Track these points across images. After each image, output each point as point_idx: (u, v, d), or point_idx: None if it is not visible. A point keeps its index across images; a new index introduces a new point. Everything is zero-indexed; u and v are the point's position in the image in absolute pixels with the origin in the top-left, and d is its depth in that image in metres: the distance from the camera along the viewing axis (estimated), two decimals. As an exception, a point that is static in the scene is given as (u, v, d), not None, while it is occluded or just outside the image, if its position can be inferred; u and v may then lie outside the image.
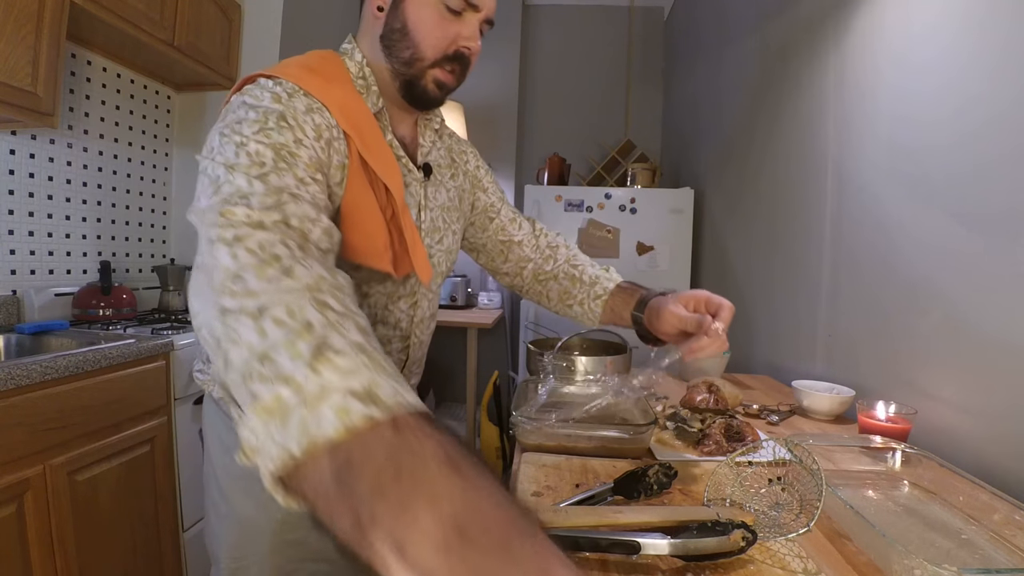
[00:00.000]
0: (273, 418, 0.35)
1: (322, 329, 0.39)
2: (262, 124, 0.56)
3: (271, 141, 0.55)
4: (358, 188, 0.66)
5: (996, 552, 0.58)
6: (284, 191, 0.51)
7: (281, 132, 0.56)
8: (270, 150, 0.54)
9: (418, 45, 0.68)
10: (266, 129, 0.56)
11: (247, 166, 0.52)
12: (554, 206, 2.57)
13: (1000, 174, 0.86)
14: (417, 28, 0.68)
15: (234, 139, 0.54)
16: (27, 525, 1.13)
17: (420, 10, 0.67)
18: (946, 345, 0.97)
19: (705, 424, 0.91)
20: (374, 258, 0.67)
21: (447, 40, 0.68)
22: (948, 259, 0.97)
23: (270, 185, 0.51)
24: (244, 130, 0.55)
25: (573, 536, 0.52)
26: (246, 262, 0.43)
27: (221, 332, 0.40)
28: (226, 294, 0.41)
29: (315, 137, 0.60)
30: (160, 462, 1.49)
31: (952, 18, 0.98)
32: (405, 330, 0.81)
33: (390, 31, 0.69)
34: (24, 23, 1.35)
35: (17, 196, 1.65)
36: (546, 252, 0.98)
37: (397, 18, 0.68)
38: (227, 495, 0.78)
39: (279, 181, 0.52)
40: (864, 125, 1.26)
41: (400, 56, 0.69)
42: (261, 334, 0.38)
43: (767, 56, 1.86)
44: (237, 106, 0.60)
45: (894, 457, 0.79)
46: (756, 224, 1.95)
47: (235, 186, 0.50)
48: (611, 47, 3.44)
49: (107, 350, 1.32)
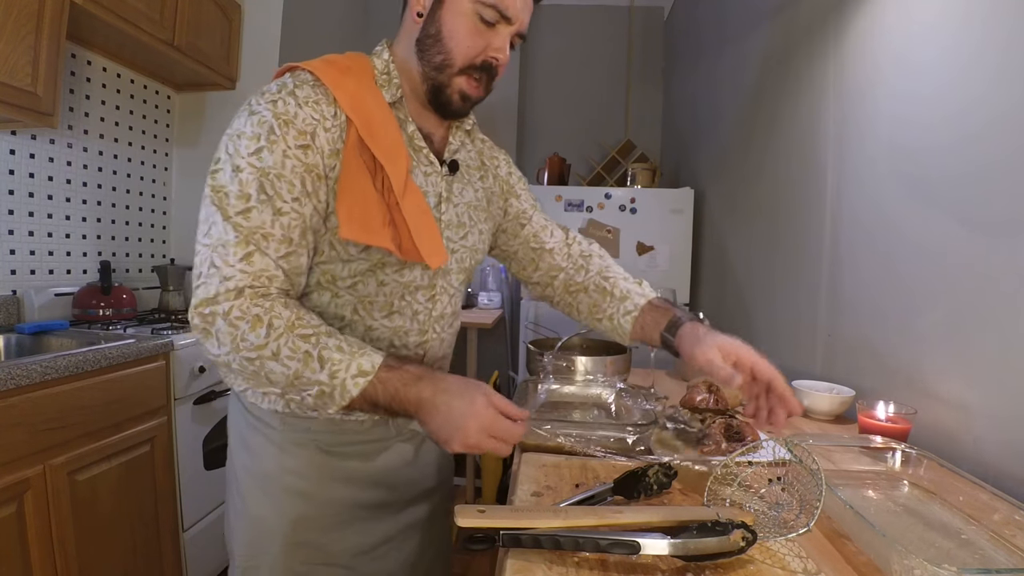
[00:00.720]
0: (322, 399, 0.65)
1: (315, 350, 0.64)
2: (256, 141, 0.65)
3: (261, 165, 0.65)
4: (354, 168, 0.69)
5: (996, 552, 0.58)
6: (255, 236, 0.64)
7: (272, 148, 0.65)
8: (256, 179, 0.65)
9: (450, 52, 0.72)
10: (258, 149, 0.65)
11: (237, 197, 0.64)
12: (554, 206, 2.56)
13: (1001, 175, 0.86)
14: (451, 35, 0.71)
15: (234, 161, 0.65)
16: (27, 525, 1.13)
17: (456, 18, 0.71)
18: (946, 345, 0.97)
19: (705, 424, 0.91)
20: (374, 235, 0.69)
21: (477, 49, 0.72)
22: (948, 259, 0.97)
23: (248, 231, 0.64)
24: (242, 148, 0.65)
25: (573, 536, 0.52)
26: (242, 328, 0.63)
27: (255, 368, 0.64)
28: (243, 351, 0.63)
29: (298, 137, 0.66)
30: (160, 462, 1.49)
31: (952, 18, 0.98)
32: (423, 323, 0.80)
33: (425, 36, 0.73)
34: (24, 23, 1.35)
35: (17, 196, 1.65)
36: (579, 262, 0.97)
37: (433, 24, 0.72)
38: (244, 493, 0.79)
39: (256, 220, 0.64)
40: (864, 125, 1.26)
41: (432, 61, 0.73)
42: (285, 367, 0.63)
43: (767, 56, 1.86)
44: (243, 108, 0.68)
45: (894, 457, 0.79)
46: (756, 224, 1.95)
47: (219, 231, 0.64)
48: (611, 47, 3.44)
49: (107, 350, 1.32)
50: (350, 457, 0.79)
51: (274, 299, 0.65)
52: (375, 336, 0.77)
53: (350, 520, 0.79)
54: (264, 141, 0.65)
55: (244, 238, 0.64)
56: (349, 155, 0.69)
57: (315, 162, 0.67)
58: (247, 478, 0.79)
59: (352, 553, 0.79)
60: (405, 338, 0.79)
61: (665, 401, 1.16)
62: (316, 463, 0.77)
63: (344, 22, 2.86)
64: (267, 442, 0.77)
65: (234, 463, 0.81)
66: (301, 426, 0.76)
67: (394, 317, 0.77)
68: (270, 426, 0.77)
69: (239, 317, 0.62)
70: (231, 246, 0.63)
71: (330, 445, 0.77)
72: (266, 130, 0.65)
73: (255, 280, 0.64)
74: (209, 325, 0.63)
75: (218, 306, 0.63)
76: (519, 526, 0.54)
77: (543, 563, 0.52)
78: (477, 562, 2.03)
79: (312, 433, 0.77)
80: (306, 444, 0.77)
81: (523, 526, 0.54)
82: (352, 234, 0.68)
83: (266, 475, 0.77)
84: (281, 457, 0.77)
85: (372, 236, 0.69)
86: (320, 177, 0.68)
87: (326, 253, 0.71)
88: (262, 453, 0.77)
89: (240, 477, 0.79)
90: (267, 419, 0.77)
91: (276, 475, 0.77)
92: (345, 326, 0.75)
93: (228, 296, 0.63)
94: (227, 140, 0.66)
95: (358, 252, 0.72)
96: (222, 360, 0.65)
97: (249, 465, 0.79)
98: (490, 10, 0.70)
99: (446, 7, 0.71)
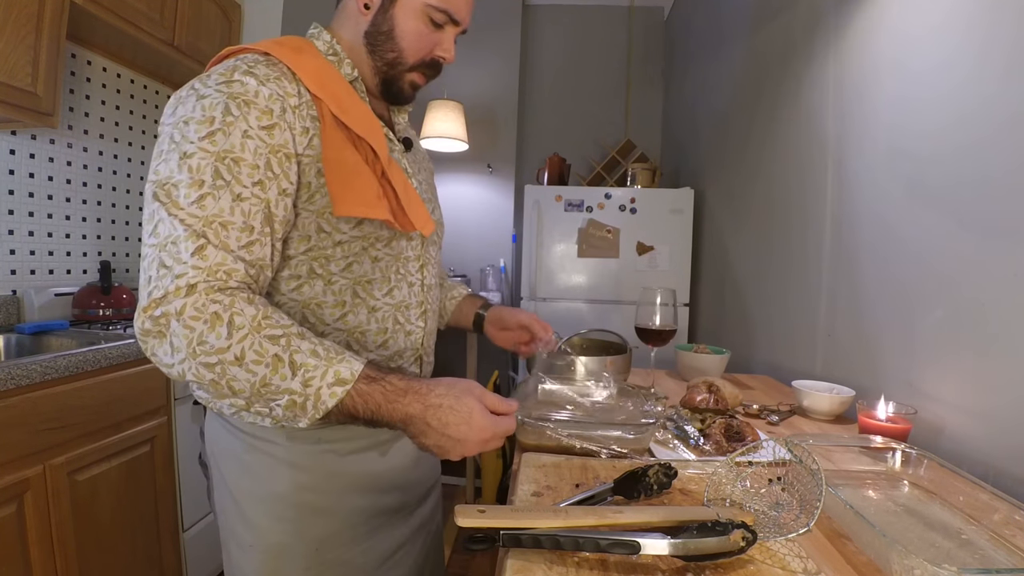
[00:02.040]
0: (292, 410, 0.58)
1: (285, 353, 0.58)
2: (210, 123, 0.60)
3: (215, 149, 0.59)
4: (338, 145, 0.67)
5: (996, 552, 0.58)
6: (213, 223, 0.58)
7: (229, 130, 0.60)
8: (211, 163, 0.59)
9: (403, 51, 0.75)
10: (211, 133, 0.60)
11: (188, 185, 0.58)
12: (554, 206, 2.57)
13: (1000, 177, 0.86)
14: (403, 35, 0.74)
15: (181, 148, 0.59)
16: (27, 525, 1.13)
17: (407, 20, 0.74)
18: (946, 345, 0.97)
19: (705, 424, 0.91)
20: (370, 207, 0.68)
21: (427, 49, 0.76)
22: (948, 259, 0.97)
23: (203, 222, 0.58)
24: (191, 133, 0.59)
25: (573, 536, 0.52)
26: (199, 329, 0.56)
27: (214, 376, 0.57)
28: (200, 356, 0.56)
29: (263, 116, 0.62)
30: (160, 462, 1.49)
31: (958, 19, 0.98)
32: (419, 295, 0.81)
33: (376, 32, 0.75)
34: (24, 23, 1.35)
35: (17, 196, 1.65)
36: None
37: (385, 22, 0.74)
38: (253, 523, 0.72)
39: (212, 208, 0.58)
40: (864, 125, 1.26)
41: (384, 56, 0.76)
42: (250, 372, 0.57)
43: (767, 56, 1.86)
44: (185, 92, 0.63)
45: (894, 457, 0.79)
46: (756, 224, 1.95)
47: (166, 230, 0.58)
48: (611, 47, 3.44)
49: (107, 350, 1.32)
50: (366, 459, 0.76)
51: (234, 293, 0.59)
52: (379, 316, 0.75)
53: (371, 530, 0.76)
54: (219, 124, 0.60)
55: (195, 231, 0.58)
56: (328, 131, 0.67)
57: (284, 140, 0.64)
58: (253, 505, 0.72)
59: (376, 564, 0.77)
60: (407, 312, 0.79)
61: (665, 401, 1.16)
62: (333, 474, 0.73)
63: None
64: (274, 461, 0.71)
65: (232, 493, 0.73)
66: (311, 437, 0.71)
67: (394, 292, 0.77)
68: (274, 443, 0.71)
69: (194, 316, 0.56)
70: (181, 241, 0.57)
71: (346, 451, 0.74)
72: (220, 112, 0.60)
73: (210, 275, 0.58)
74: (163, 328, 0.56)
75: (169, 306, 0.56)
76: (519, 526, 0.54)
77: (543, 563, 0.52)
78: (477, 562, 2.02)
79: (323, 443, 0.72)
80: (319, 456, 0.72)
81: (523, 526, 0.54)
82: (349, 210, 0.66)
83: (278, 497, 0.71)
84: (293, 474, 0.71)
85: (370, 209, 0.68)
86: (290, 156, 0.64)
87: (314, 238, 0.68)
88: (269, 474, 0.71)
89: (244, 506, 0.72)
90: (270, 436, 0.71)
91: (290, 495, 0.71)
92: (348, 312, 0.72)
93: (179, 294, 0.56)
94: (171, 129, 0.61)
95: (351, 229, 0.69)
96: (176, 371, 0.57)
97: (254, 490, 0.72)
98: (441, 14, 0.74)
99: (399, 6, 0.73)
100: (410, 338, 0.80)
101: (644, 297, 1.15)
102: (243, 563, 0.73)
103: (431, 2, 0.73)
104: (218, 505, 0.77)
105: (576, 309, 2.58)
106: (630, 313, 1.02)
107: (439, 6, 0.73)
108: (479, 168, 3.17)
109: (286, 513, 0.71)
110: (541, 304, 2.58)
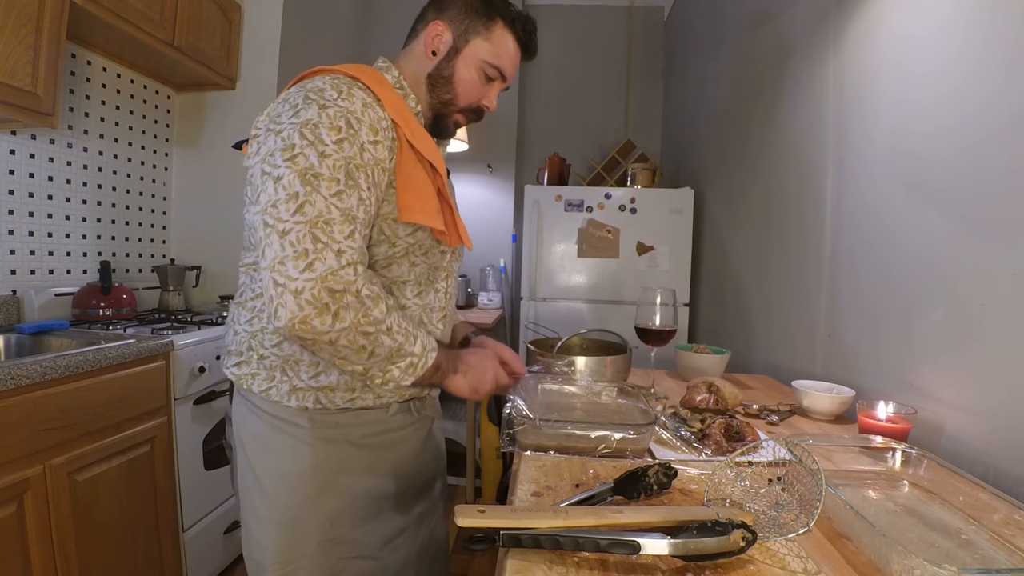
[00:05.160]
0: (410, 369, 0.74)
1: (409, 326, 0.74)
2: (338, 132, 0.70)
3: (344, 154, 0.70)
4: (411, 164, 0.79)
5: (996, 552, 0.58)
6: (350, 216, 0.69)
7: (352, 140, 0.71)
8: (343, 165, 0.69)
9: (457, 95, 0.88)
10: (340, 140, 0.70)
11: (328, 180, 0.68)
12: (554, 206, 2.57)
13: (1001, 177, 0.86)
14: (460, 82, 0.87)
15: (318, 148, 0.68)
16: (27, 525, 1.13)
17: (467, 70, 0.87)
18: (946, 345, 0.97)
19: (705, 424, 0.91)
20: (431, 217, 0.79)
21: (477, 97, 0.89)
22: (948, 259, 0.97)
23: (344, 212, 0.68)
24: (324, 136, 0.69)
25: (573, 536, 0.52)
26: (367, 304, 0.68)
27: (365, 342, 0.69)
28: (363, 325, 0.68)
29: (371, 133, 0.73)
30: (160, 462, 1.49)
31: (958, 20, 0.98)
32: (443, 301, 0.91)
33: (438, 75, 0.87)
34: (24, 23, 1.35)
35: (17, 196, 1.65)
36: None
37: (447, 68, 0.87)
38: (271, 497, 0.79)
39: (348, 203, 0.69)
40: (863, 125, 1.26)
41: (441, 97, 0.88)
42: (393, 340, 0.71)
43: (767, 56, 1.86)
44: (302, 100, 0.71)
45: (894, 457, 0.79)
46: (756, 224, 1.95)
47: (317, 209, 0.66)
48: (611, 47, 3.44)
49: (107, 350, 1.32)
50: (375, 447, 0.83)
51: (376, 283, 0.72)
52: (408, 314, 0.83)
53: (376, 512, 0.83)
54: (344, 133, 0.70)
55: (346, 216, 0.68)
56: (404, 152, 0.78)
57: (382, 156, 0.75)
58: (273, 482, 0.79)
59: (380, 545, 0.83)
60: (431, 314, 0.88)
61: (665, 401, 1.16)
62: (347, 457, 0.81)
63: (344, 22, 2.86)
64: (296, 441, 0.79)
65: (254, 470, 0.81)
66: (331, 421, 0.80)
67: (423, 295, 0.86)
68: (298, 425, 0.79)
69: (368, 296, 0.68)
70: (336, 223, 0.67)
71: (359, 437, 0.82)
72: (344, 123, 0.71)
73: (360, 256, 0.70)
74: (335, 298, 0.65)
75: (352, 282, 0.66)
76: (519, 526, 0.54)
77: (543, 563, 0.52)
78: (477, 562, 2.03)
79: (341, 428, 0.80)
80: (336, 439, 0.80)
81: (523, 526, 0.54)
82: (415, 217, 0.77)
83: (298, 475, 0.79)
84: (314, 454, 0.79)
85: (431, 219, 0.79)
86: (384, 169, 0.76)
87: (374, 237, 0.78)
88: (291, 453, 0.79)
89: (264, 483, 0.80)
90: (294, 419, 0.79)
91: (309, 473, 0.79)
92: None
93: (349, 271, 0.66)
94: (299, 128, 0.69)
95: (407, 235, 0.80)
96: (328, 337, 0.66)
97: (275, 468, 0.79)
98: (494, 70, 0.88)
99: (461, 58, 0.86)
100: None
101: (644, 297, 1.15)
102: (262, 536, 0.80)
103: (489, 60, 0.87)
104: (240, 484, 0.84)
105: (576, 309, 2.58)
106: (630, 313, 1.02)
107: (494, 63, 0.87)
108: (479, 168, 3.17)
109: (304, 489, 0.79)
110: (541, 304, 2.58)
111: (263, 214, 0.67)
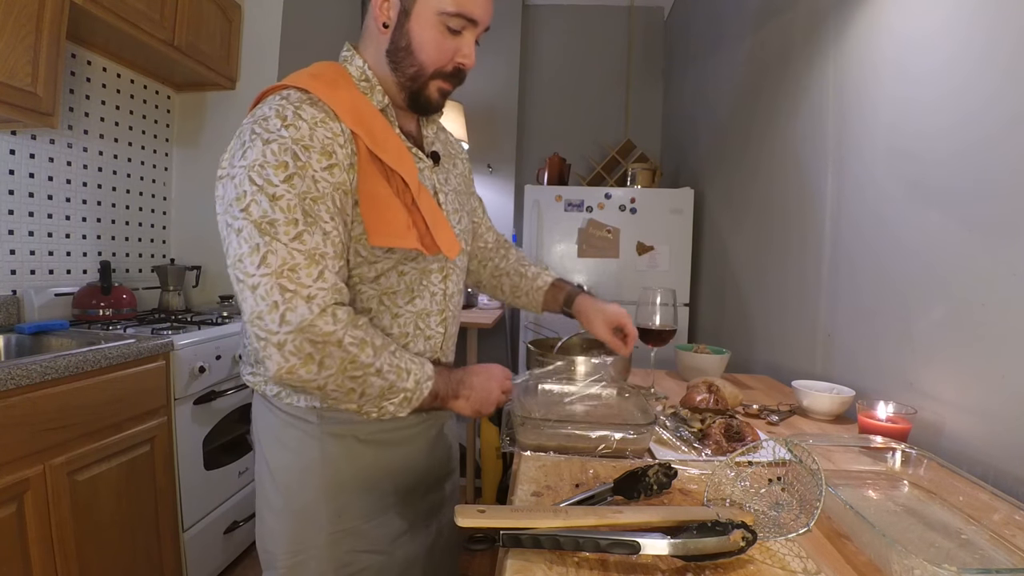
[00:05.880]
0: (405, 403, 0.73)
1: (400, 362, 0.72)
2: (284, 168, 0.65)
3: (297, 191, 0.66)
4: (372, 179, 0.73)
5: (996, 552, 0.58)
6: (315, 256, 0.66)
7: (302, 173, 0.66)
8: (298, 204, 0.65)
9: (423, 64, 0.76)
10: (289, 176, 0.66)
11: (285, 224, 0.65)
12: (554, 206, 2.57)
13: (1001, 177, 0.86)
14: (421, 47, 0.75)
15: (267, 190, 0.65)
16: (27, 525, 1.13)
17: (424, 31, 0.74)
18: (946, 345, 0.97)
19: (705, 424, 0.91)
20: (400, 238, 0.74)
21: (447, 57, 0.76)
22: (948, 259, 0.97)
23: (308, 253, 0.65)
24: (271, 176, 0.65)
25: (573, 536, 0.52)
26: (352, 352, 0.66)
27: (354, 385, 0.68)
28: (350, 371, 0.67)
29: (323, 157, 0.68)
30: (160, 462, 1.49)
31: (958, 20, 0.98)
32: (440, 303, 0.87)
33: (396, 48, 0.76)
34: (24, 23, 1.35)
35: (17, 196, 1.65)
36: (501, 252, 1.14)
37: (403, 37, 0.75)
38: (284, 489, 0.81)
39: (311, 242, 0.66)
40: (863, 125, 1.26)
41: (406, 72, 0.77)
42: (384, 380, 0.70)
43: (767, 56, 1.86)
44: (248, 136, 0.68)
45: (894, 457, 0.79)
46: (756, 224, 1.95)
47: (280, 258, 0.64)
48: (611, 47, 3.44)
49: (107, 350, 1.32)
50: (383, 444, 0.83)
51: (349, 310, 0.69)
52: (401, 322, 0.82)
53: (385, 507, 0.84)
54: (293, 168, 0.66)
55: (310, 258, 0.65)
56: (364, 166, 0.72)
57: (342, 179, 0.70)
58: (286, 475, 0.81)
59: (389, 539, 0.84)
60: (427, 319, 0.84)
61: (665, 401, 1.16)
62: (355, 452, 0.81)
63: (343, 22, 2.86)
64: (306, 436, 0.80)
65: (269, 464, 0.83)
66: (339, 418, 0.80)
67: (416, 301, 0.83)
68: (308, 421, 0.80)
69: (352, 342, 0.66)
70: (301, 268, 0.65)
71: (367, 434, 0.82)
72: (290, 157, 0.66)
73: (335, 295, 0.67)
74: (317, 348, 0.64)
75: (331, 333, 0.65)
76: (519, 526, 0.54)
77: (543, 563, 0.52)
78: (477, 562, 2.03)
79: (349, 425, 0.81)
80: (344, 435, 0.81)
81: (523, 526, 0.54)
82: (381, 240, 0.73)
83: (308, 468, 0.80)
84: (322, 449, 0.80)
85: (400, 239, 0.74)
86: (347, 192, 0.71)
87: (353, 260, 0.75)
88: (301, 448, 0.80)
89: (278, 476, 0.82)
90: (304, 415, 0.80)
91: (318, 467, 0.80)
92: (373, 316, 0.79)
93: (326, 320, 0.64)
94: (246, 172, 0.65)
95: (383, 253, 0.76)
96: (315, 384, 0.66)
97: (288, 462, 0.81)
98: (456, 19, 0.74)
99: (414, 20, 0.74)
100: (430, 342, 0.86)
101: (644, 297, 1.15)
102: (275, 525, 0.82)
103: (445, 9, 0.73)
104: (257, 476, 0.86)
105: (576, 309, 2.58)
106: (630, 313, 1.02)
107: (453, 11, 0.73)
108: (479, 168, 3.17)
109: (313, 482, 0.80)
110: (541, 304, 2.58)
111: (233, 269, 0.66)
